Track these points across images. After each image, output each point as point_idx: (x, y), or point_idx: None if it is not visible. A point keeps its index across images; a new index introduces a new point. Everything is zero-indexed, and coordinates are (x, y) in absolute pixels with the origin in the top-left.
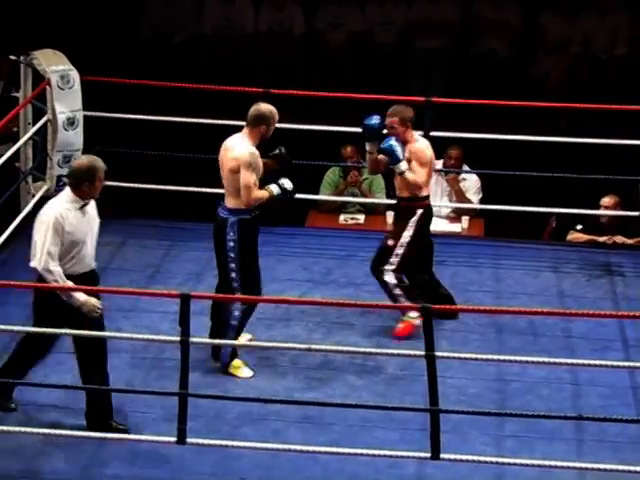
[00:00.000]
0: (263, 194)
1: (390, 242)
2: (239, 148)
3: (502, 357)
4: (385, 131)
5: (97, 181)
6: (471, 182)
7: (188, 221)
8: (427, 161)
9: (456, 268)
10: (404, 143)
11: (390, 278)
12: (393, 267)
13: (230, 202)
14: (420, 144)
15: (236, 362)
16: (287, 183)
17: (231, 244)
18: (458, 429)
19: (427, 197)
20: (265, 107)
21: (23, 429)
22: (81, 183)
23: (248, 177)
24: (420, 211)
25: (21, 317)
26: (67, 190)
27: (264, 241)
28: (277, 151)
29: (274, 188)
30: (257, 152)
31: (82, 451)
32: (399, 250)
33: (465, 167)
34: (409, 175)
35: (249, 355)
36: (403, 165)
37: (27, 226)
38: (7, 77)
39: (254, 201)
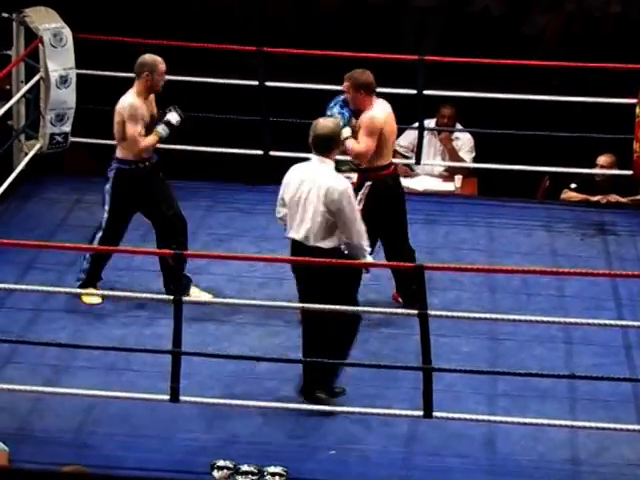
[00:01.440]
0: (151, 140)
1: None
2: (122, 101)
3: (495, 316)
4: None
5: None
6: (464, 141)
7: (181, 179)
8: (375, 130)
9: (449, 227)
10: (360, 110)
11: None
12: None
13: (117, 152)
14: (373, 112)
15: (90, 290)
16: (173, 117)
17: (105, 195)
18: (451, 388)
19: (383, 167)
20: (148, 56)
21: (17, 387)
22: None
23: (131, 128)
24: (368, 184)
25: (13, 275)
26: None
27: (257, 200)
28: (169, 109)
29: (161, 129)
30: (138, 102)
31: (75, 410)
32: None
33: (458, 126)
34: (348, 143)
35: (245, 314)
36: (344, 133)
37: (19, 185)
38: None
39: (143, 151)
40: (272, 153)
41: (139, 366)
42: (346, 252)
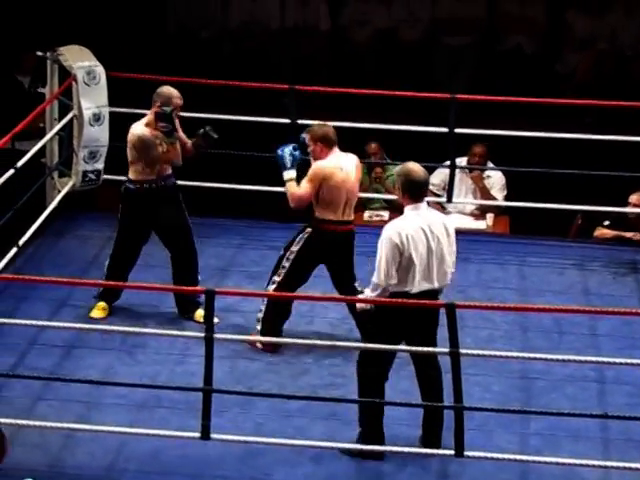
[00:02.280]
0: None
1: (282, 251)
2: (132, 127)
3: (527, 354)
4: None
5: None
6: (496, 179)
7: (213, 217)
8: (314, 178)
9: (481, 265)
10: (316, 159)
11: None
12: (278, 280)
13: (128, 173)
14: (321, 163)
15: (100, 304)
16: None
17: (118, 215)
18: (483, 427)
19: (330, 222)
20: (165, 88)
21: (48, 424)
22: None
23: (130, 154)
24: (309, 230)
25: (46, 312)
26: None
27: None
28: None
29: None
30: (143, 131)
31: (106, 447)
32: (286, 262)
33: (490, 164)
34: (287, 185)
35: (276, 351)
36: (287, 174)
37: (52, 222)
38: (34, 73)
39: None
40: None
41: (170, 403)
42: None
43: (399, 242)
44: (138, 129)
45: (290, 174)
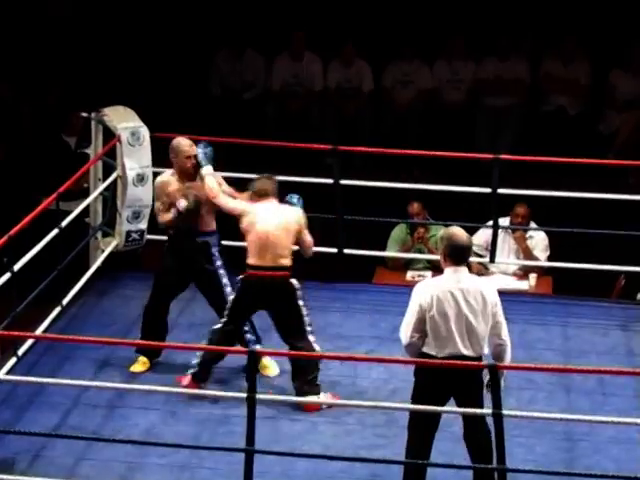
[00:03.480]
0: (165, 217)
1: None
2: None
3: (570, 416)
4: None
5: None
6: (538, 239)
7: None
8: (241, 205)
9: (524, 326)
10: None
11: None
12: (223, 320)
13: None
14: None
15: (141, 358)
16: (180, 203)
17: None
18: None
19: (250, 266)
20: (174, 140)
21: None
22: None
23: (156, 203)
24: (240, 277)
25: (89, 372)
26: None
27: (332, 297)
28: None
29: (171, 211)
30: (167, 180)
31: None
32: (229, 298)
33: (532, 224)
34: (206, 179)
35: (318, 412)
36: (205, 170)
37: (96, 282)
38: (80, 133)
39: (161, 224)
40: (346, 251)
41: (212, 464)
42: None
43: (423, 301)
44: (162, 176)
45: (208, 169)
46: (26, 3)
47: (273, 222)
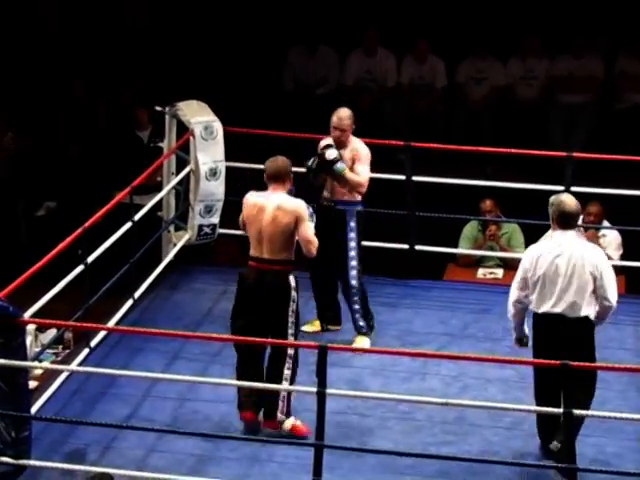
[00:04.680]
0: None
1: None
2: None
3: None
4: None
5: None
6: (611, 238)
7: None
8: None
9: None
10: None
11: None
12: None
13: None
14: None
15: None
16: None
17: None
18: None
19: (249, 257)
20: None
21: (161, 476)
22: None
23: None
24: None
25: (160, 364)
26: None
27: (402, 294)
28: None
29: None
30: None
31: None
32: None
33: (605, 223)
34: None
35: (384, 407)
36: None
37: (168, 275)
38: (151, 127)
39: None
40: (417, 248)
41: (281, 458)
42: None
43: (528, 262)
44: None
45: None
46: (102, 10)
47: (268, 213)
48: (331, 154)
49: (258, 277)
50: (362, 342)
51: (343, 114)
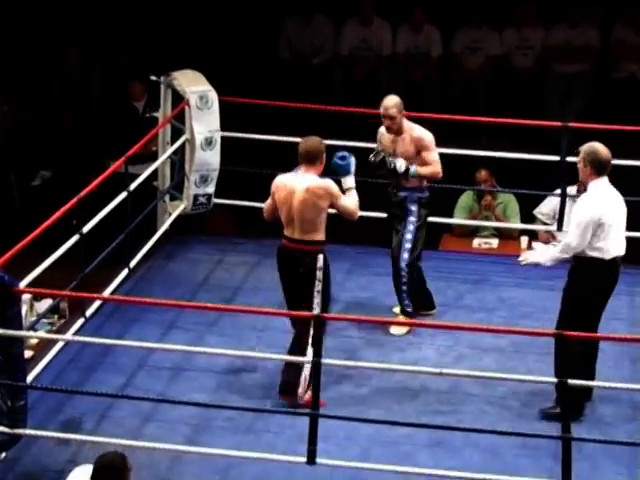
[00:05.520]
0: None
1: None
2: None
3: (636, 386)
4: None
5: None
6: None
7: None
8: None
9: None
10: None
11: None
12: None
13: None
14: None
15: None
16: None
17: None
18: (591, 457)
19: (282, 236)
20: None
21: (156, 445)
22: None
23: None
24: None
25: (155, 334)
26: None
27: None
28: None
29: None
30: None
31: (213, 469)
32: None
33: None
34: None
35: (379, 377)
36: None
37: (163, 245)
38: (146, 98)
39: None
40: None
41: (277, 428)
42: None
43: (595, 210)
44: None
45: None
46: None
47: (297, 193)
48: (401, 166)
49: (288, 255)
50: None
51: (388, 102)
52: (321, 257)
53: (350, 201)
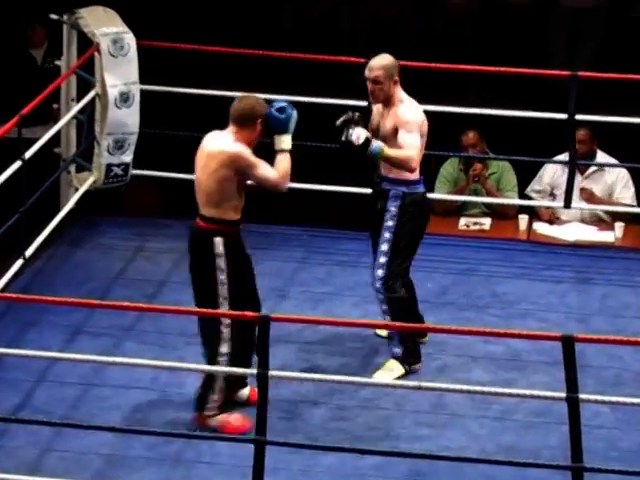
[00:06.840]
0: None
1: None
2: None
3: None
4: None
5: None
6: (618, 176)
7: (271, 224)
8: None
9: (607, 288)
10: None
11: None
12: None
13: None
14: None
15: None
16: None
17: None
18: None
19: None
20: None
21: None
22: None
23: None
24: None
25: (58, 341)
26: None
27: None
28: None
29: None
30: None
31: None
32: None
33: (601, 155)
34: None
35: (341, 393)
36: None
37: (68, 228)
38: (49, 44)
39: None
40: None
41: (212, 457)
42: None
43: None
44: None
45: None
46: None
47: (201, 158)
48: (359, 137)
49: (190, 235)
50: (390, 370)
51: (374, 63)
52: (219, 240)
53: (275, 169)
